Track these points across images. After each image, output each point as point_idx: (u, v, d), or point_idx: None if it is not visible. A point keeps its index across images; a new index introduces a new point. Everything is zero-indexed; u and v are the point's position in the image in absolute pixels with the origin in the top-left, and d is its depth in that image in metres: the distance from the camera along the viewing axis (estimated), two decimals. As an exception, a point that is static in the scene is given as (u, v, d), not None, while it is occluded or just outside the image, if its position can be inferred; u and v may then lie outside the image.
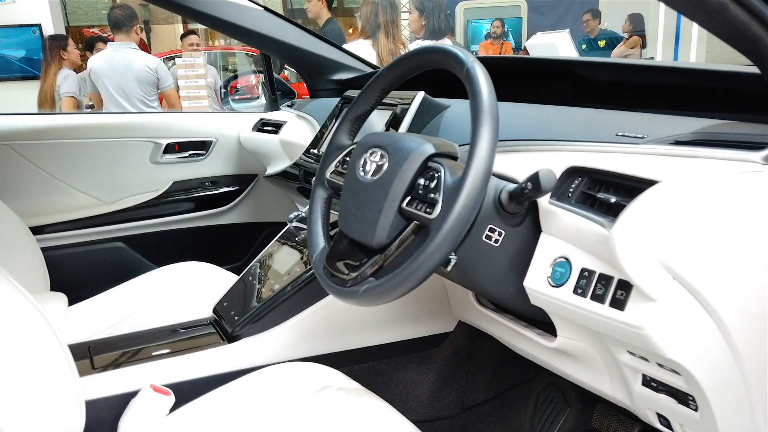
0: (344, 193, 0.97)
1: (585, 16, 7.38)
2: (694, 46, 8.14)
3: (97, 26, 10.95)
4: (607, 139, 0.89)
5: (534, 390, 1.51)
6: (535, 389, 1.51)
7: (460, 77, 0.85)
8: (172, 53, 8.11)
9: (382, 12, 3.18)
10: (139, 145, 1.94)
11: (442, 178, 0.82)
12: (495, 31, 7.79)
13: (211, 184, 2.08)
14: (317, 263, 1.00)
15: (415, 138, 0.91)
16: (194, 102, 4.96)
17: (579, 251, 0.85)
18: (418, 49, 0.96)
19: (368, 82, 1.05)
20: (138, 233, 1.99)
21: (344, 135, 1.09)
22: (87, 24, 11.25)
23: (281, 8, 12.24)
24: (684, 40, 8.20)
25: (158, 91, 3.95)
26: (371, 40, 3.20)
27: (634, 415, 1.18)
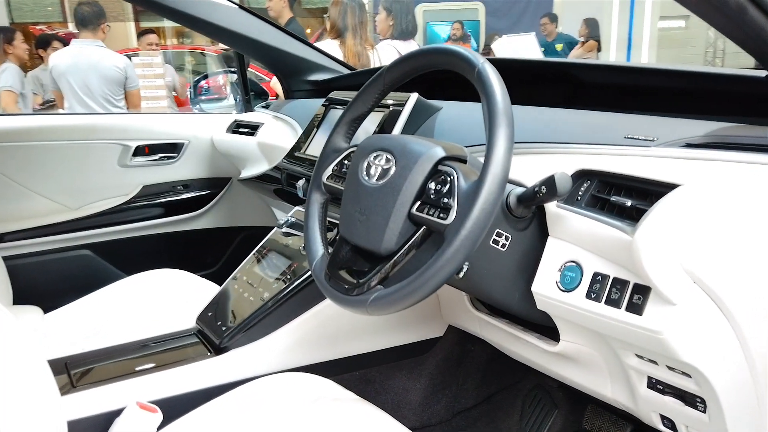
0: (346, 197, 0.94)
1: (543, 20, 7.52)
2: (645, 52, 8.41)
3: (44, 23, 10.52)
4: (615, 142, 0.88)
5: (520, 392, 1.51)
6: (521, 392, 1.51)
7: (470, 79, 0.83)
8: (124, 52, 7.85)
9: (351, 13, 3.15)
10: (106, 148, 1.85)
11: (455, 183, 0.79)
12: (455, 33, 7.87)
13: (183, 187, 2.00)
14: (318, 271, 0.96)
15: (423, 141, 0.88)
16: (152, 102, 4.83)
17: (591, 255, 0.84)
18: (422, 49, 0.93)
19: (366, 83, 1.02)
20: (106, 240, 1.90)
21: (340, 138, 1.06)
22: (32, 21, 10.78)
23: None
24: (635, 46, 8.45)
25: (124, 90, 3.86)
26: (339, 40, 3.18)
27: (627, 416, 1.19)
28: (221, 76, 2.50)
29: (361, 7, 3.19)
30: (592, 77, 1.13)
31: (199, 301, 1.47)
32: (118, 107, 3.85)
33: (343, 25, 3.17)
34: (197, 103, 2.27)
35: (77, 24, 3.70)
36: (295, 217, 1.37)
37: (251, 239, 2.17)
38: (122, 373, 1.14)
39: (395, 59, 0.97)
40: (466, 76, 0.84)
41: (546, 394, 1.48)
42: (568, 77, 1.16)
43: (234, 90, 2.41)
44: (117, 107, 3.84)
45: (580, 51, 6.92)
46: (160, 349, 1.24)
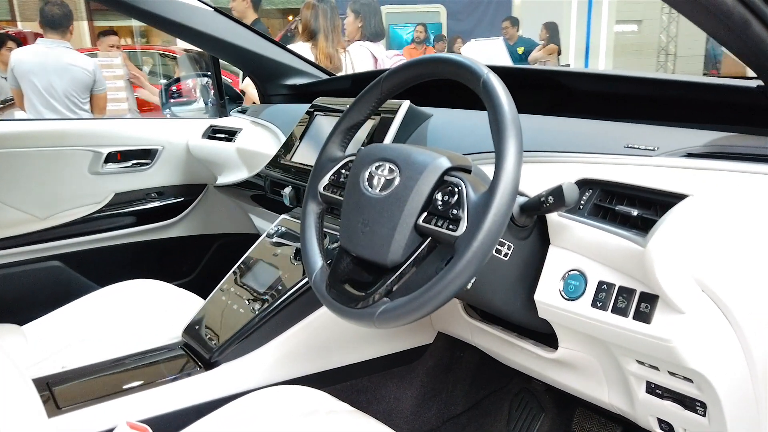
0: (347, 208, 0.93)
1: (504, 24, 7.63)
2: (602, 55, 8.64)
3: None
4: (615, 151, 0.89)
5: (507, 396, 1.52)
6: (507, 396, 1.52)
7: (475, 89, 0.83)
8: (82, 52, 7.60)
9: (323, 15, 3.13)
10: (76, 155, 1.78)
11: (464, 194, 0.79)
12: (419, 36, 7.90)
13: (157, 195, 1.94)
14: (318, 283, 0.94)
15: (427, 151, 0.88)
16: (113, 105, 4.69)
17: (595, 264, 0.85)
18: (424, 58, 0.93)
19: (363, 91, 1.00)
20: (76, 250, 1.83)
21: (336, 147, 1.04)
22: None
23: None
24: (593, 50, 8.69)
25: (91, 93, 3.78)
26: (311, 42, 3.15)
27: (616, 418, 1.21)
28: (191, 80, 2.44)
29: (333, 9, 3.17)
30: (582, 85, 1.14)
31: (179, 313, 1.43)
32: (83, 110, 3.78)
33: (316, 28, 3.15)
34: (168, 107, 2.21)
35: (44, 25, 3.59)
36: (285, 227, 1.34)
37: (228, 247, 2.13)
38: (109, 391, 1.09)
39: (394, 67, 0.97)
40: (470, 86, 0.84)
41: (533, 398, 1.50)
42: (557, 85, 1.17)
43: (204, 93, 2.36)
44: (82, 110, 3.77)
45: (540, 54, 7.05)
46: (147, 365, 1.20)
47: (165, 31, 1.79)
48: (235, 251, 2.15)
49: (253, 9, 3.84)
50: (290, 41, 3.54)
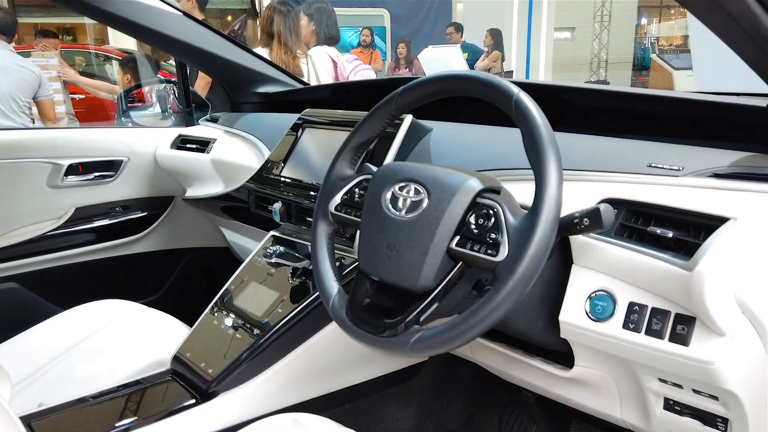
0: (367, 230, 0.89)
1: (448, 29, 7.73)
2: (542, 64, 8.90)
3: None
4: (639, 170, 0.89)
5: (496, 409, 1.51)
6: (497, 408, 1.51)
7: (504, 109, 0.81)
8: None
9: (277, 20, 3.06)
10: (34, 167, 1.65)
11: (502, 217, 0.77)
12: (365, 39, 7.88)
13: (122, 209, 1.83)
14: (338, 309, 0.90)
15: (455, 172, 0.85)
16: (50, 108, 4.42)
17: (624, 285, 0.84)
18: (447, 74, 0.89)
19: (376, 106, 0.97)
20: (34, 270, 1.69)
21: (346, 164, 1.00)
22: None
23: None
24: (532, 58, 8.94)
25: (34, 98, 3.65)
26: (268, 48, 3.07)
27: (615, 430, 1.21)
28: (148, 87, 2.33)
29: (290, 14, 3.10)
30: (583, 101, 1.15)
31: (156, 336, 1.35)
32: (24, 114, 3.62)
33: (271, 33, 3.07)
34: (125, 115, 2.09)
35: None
36: (277, 245, 1.28)
37: (197, 262, 2.04)
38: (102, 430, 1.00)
39: (411, 82, 0.93)
40: (499, 105, 0.82)
41: (523, 410, 1.50)
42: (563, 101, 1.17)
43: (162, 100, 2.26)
44: (24, 114, 3.62)
45: (486, 62, 7.19)
46: (136, 398, 1.11)
47: (132, 35, 1.69)
48: (205, 266, 2.07)
49: (199, 9, 3.72)
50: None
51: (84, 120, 5.26)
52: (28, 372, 1.24)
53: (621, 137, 1.02)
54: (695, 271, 0.72)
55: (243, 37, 6.11)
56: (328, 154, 1.32)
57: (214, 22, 13.09)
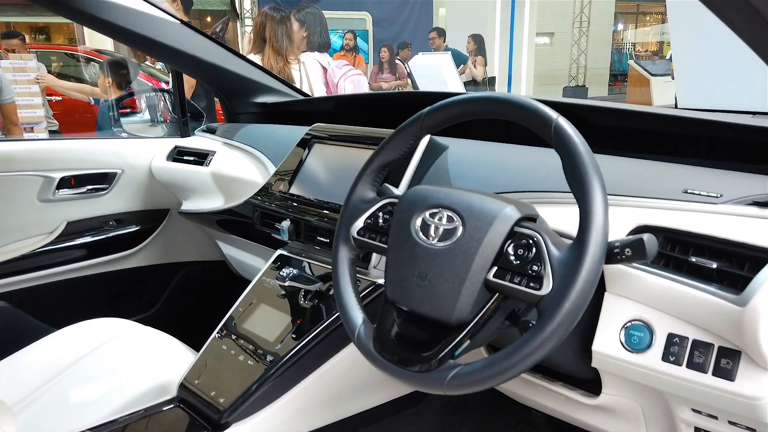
0: (396, 258, 0.85)
1: (431, 34, 7.73)
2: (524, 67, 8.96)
3: None
4: (674, 196, 0.87)
5: (504, 429, 1.49)
6: (505, 428, 1.49)
7: (542, 134, 0.78)
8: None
9: (269, 25, 3.01)
10: (24, 181, 1.57)
11: (544, 249, 0.74)
12: (348, 43, 7.84)
13: (115, 223, 1.76)
14: (365, 341, 0.86)
15: (489, 198, 0.82)
16: (27, 111, 4.33)
17: (662, 315, 0.82)
18: (479, 95, 0.86)
19: (400, 127, 0.93)
20: (24, 287, 1.62)
21: (368, 187, 0.96)
22: None
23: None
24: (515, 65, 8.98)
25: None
26: (260, 54, 3.02)
27: None
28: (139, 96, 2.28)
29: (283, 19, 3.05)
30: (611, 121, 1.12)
31: (158, 358, 1.30)
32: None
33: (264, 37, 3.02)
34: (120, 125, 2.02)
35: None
36: (287, 266, 1.24)
37: (193, 276, 1.98)
38: None
39: (439, 102, 0.90)
40: (536, 130, 0.79)
41: (531, 429, 1.48)
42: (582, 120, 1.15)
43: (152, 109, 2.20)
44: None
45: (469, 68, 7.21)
46: (143, 428, 1.06)
47: (129, 44, 1.63)
48: (200, 281, 2.01)
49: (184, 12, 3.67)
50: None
51: (61, 121, 5.13)
52: (18, 398, 1.18)
53: (652, 160, 0.99)
54: (749, 307, 0.70)
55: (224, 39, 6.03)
56: (339, 171, 1.29)
57: (193, 23, 12.95)
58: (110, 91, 3.94)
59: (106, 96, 4.11)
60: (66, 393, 1.20)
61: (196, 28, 1.71)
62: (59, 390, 1.20)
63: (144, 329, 1.43)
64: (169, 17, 1.60)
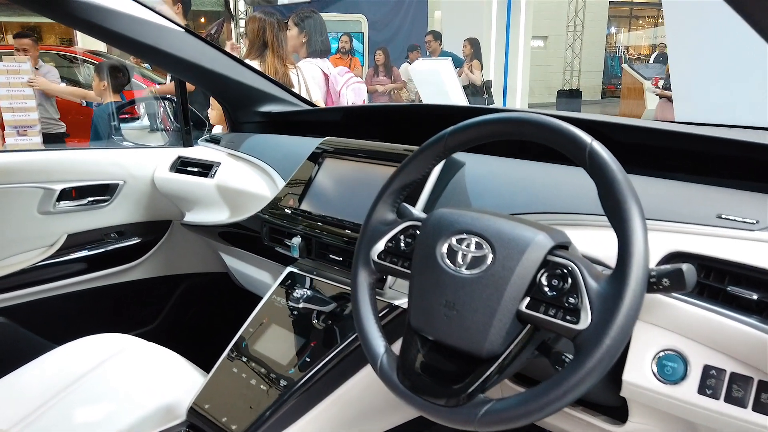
0: (420, 286, 0.82)
1: (427, 38, 7.70)
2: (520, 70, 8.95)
3: None
4: (707, 221, 0.84)
5: None
6: None
7: (575, 158, 0.75)
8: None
9: (269, 29, 2.97)
10: (24, 193, 1.53)
11: (581, 280, 0.71)
12: (344, 46, 7.79)
13: (117, 235, 1.72)
14: (388, 372, 0.83)
15: (519, 224, 0.79)
16: (20, 114, 4.26)
17: (697, 345, 0.80)
18: (506, 116, 0.83)
19: (422, 146, 0.90)
20: (22, 302, 1.57)
21: (388, 208, 0.93)
22: None
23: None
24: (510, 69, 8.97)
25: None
26: (259, 60, 2.98)
27: None
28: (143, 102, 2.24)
29: (279, 23, 3.02)
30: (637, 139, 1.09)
31: (165, 378, 1.27)
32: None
33: (262, 43, 2.99)
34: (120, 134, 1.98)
35: None
36: (299, 285, 1.20)
37: (195, 288, 1.94)
38: None
39: (464, 122, 0.87)
40: (568, 154, 0.76)
41: None
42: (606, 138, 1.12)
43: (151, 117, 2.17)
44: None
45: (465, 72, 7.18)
46: None
47: (133, 53, 1.59)
48: (203, 293, 1.97)
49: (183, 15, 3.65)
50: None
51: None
52: (15, 420, 1.14)
53: (682, 180, 0.97)
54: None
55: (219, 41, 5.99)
56: (352, 187, 1.26)
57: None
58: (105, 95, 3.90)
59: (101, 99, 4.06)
60: (66, 415, 1.16)
61: (200, 36, 1.67)
62: (59, 412, 1.16)
63: (147, 345, 1.39)
64: (173, 25, 1.56)
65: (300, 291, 1.12)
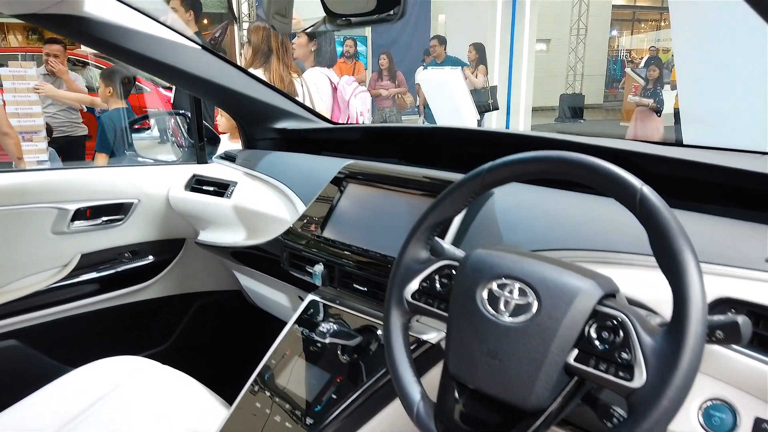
0: (459, 331, 0.79)
1: (432, 42, 7.67)
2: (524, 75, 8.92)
3: None
4: (758, 266, 0.81)
5: None
6: None
7: (623, 203, 0.72)
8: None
9: (274, 37, 2.96)
10: (38, 213, 1.50)
11: (634, 334, 0.68)
12: (348, 50, 7.77)
13: (131, 255, 1.69)
14: (424, 420, 0.80)
15: (566, 271, 0.76)
16: (25, 120, 4.25)
17: (748, 397, 0.77)
18: (551, 155, 0.80)
19: (458, 182, 0.87)
20: (35, 324, 1.54)
21: (421, 245, 0.91)
22: None
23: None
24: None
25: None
26: (263, 68, 2.96)
27: None
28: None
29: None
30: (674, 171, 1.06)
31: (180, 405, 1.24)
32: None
33: (267, 51, 2.97)
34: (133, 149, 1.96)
35: None
36: (322, 315, 1.17)
37: (209, 307, 1.91)
38: None
39: (504, 158, 0.84)
40: (615, 197, 0.73)
41: None
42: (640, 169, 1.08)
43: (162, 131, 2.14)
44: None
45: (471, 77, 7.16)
46: None
47: (149, 72, 1.56)
48: (216, 311, 1.94)
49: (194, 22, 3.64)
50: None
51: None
52: None
53: (725, 216, 0.94)
54: None
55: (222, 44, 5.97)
56: (377, 216, 1.22)
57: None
58: (111, 101, 3.87)
59: (106, 106, 4.03)
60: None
61: (218, 53, 1.65)
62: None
63: (162, 369, 1.37)
64: (191, 43, 1.54)
65: (326, 325, 1.09)
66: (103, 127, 3.54)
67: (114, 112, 3.61)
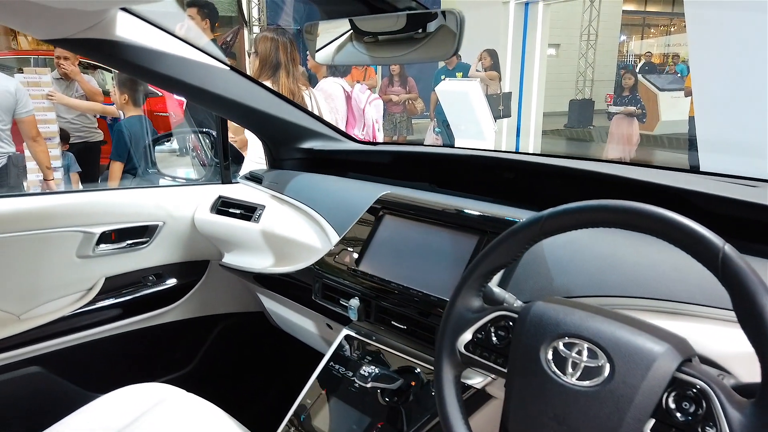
0: (522, 391, 0.75)
1: (444, 48, 7.62)
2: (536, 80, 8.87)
3: None
4: None
5: None
6: None
7: (704, 262, 0.68)
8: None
9: (282, 49, 2.90)
10: (63, 237, 1.47)
11: (718, 406, 0.64)
12: (359, 56, 7.72)
13: (155, 277, 1.66)
14: None
15: (640, 333, 0.71)
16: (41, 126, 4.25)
17: None
18: (616, 205, 0.75)
19: (514, 228, 0.83)
20: (57, 350, 1.51)
21: (474, 293, 0.86)
22: None
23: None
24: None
25: (13, 117, 3.52)
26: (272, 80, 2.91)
27: None
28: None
29: (291, 43, 2.95)
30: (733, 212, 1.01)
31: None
32: (3, 132, 3.54)
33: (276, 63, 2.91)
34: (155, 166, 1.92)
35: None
36: (378, 366, 1.12)
37: (231, 329, 1.88)
38: None
39: (567, 205, 0.79)
40: (694, 256, 0.69)
41: None
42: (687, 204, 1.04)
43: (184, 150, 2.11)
44: (2, 132, 3.53)
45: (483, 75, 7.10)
46: None
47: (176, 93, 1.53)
48: (239, 333, 1.91)
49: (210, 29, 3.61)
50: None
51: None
52: None
53: None
54: None
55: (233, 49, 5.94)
56: (417, 251, 1.18)
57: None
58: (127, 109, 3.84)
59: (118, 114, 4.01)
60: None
61: (245, 73, 1.61)
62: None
63: (187, 397, 1.33)
64: (219, 64, 1.50)
65: (368, 368, 1.05)
66: (120, 134, 3.50)
67: (132, 121, 3.58)
